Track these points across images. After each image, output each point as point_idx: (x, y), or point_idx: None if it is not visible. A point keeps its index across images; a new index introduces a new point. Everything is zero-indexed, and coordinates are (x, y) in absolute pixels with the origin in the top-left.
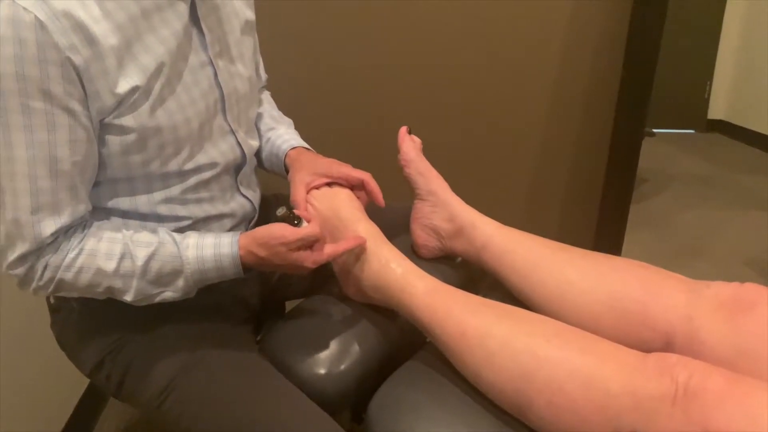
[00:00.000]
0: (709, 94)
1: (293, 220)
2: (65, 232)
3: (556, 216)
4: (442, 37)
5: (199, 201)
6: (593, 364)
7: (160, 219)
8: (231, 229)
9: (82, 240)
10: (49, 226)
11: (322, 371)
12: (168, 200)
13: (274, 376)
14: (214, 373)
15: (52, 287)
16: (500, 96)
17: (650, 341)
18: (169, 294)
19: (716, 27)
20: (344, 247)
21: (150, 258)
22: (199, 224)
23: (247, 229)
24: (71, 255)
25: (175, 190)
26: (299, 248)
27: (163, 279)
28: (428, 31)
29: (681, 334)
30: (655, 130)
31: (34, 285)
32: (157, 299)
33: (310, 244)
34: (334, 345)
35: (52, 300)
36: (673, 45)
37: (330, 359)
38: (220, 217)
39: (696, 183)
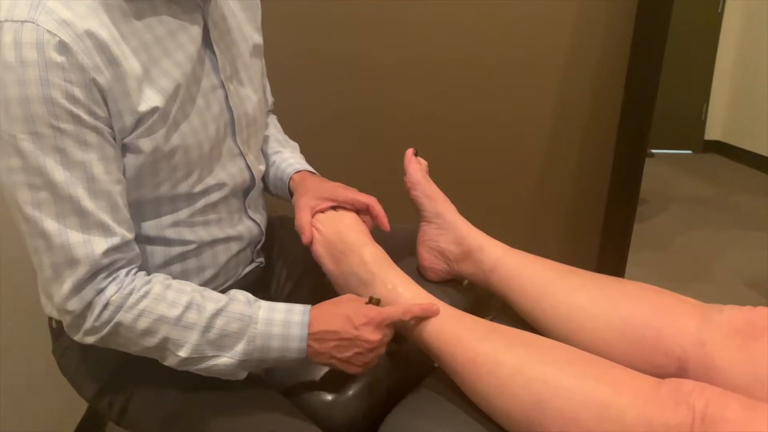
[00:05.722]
0: (705, 115)
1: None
2: (125, 268)
3: (559, 237)
4: (444, 60)
5: (206, 224)
6: (608, 392)
7: (167, 243)
8: (238, 253)
9: (148, 283)
10: (101, 245)
11: (329, 398)
12: (176, 224)
13: (281, 403)
14: (219, 401)
15: (107, 330)
16: (502, 117)
17: (663, 366)
18: (222, 361)
19: (712, 49)
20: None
21: (217, 313)
22: (205, 248)
23: (253, 253)
24: (136, 296)
25: (183, 214)
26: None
27: (224, 340)
28: (431, 54)
29: (694, 360)
30: (653, 151)
31: (87, 325)
32: (207, 364)
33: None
34: (340, 371)
35: (54, 324)
36: (669, 67)
37: (337, 386)
38: (227, 240)
39: (695, 204)
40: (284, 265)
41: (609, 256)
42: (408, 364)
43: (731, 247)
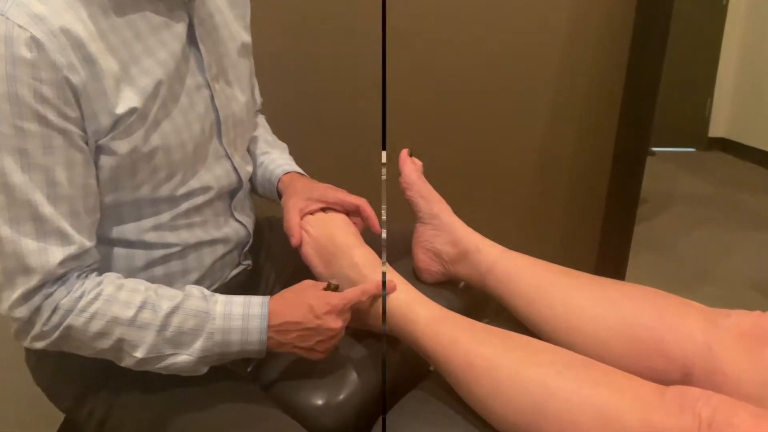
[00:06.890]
0: (709, 112)
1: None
2: (77, 272)
3: (556, 238)
4: (441, 66)
5: (190, 226)
6: (608, 396)
7: (148, 246)
8: (224, 256)
9: (99, 285)
10: (57, 254)
11: (320, 402)
12: (157, 227)
13: (270, 408)
14: (206, 407)
15: (56, 334)
16: (500, 116)
17: (665, 372)
18: (181, 359)
19: (716, 45)
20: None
21: (173, 311)
22: (189, 251)
23: (240, 255)
24: (87, 298)
25: (164, 217)
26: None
27: (182, 338)
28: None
29: (700, 366)
30: (654, 149)
31: (35, 330)
32: (165, 363)
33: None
34: (331, 374)
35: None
36: (672, 61)
37: (328, 389)
38: (213, 242)
39: (698, 203)
40: (273, 267)
41: (608, 259)
42: (404, 367)
43: (737, 248)
